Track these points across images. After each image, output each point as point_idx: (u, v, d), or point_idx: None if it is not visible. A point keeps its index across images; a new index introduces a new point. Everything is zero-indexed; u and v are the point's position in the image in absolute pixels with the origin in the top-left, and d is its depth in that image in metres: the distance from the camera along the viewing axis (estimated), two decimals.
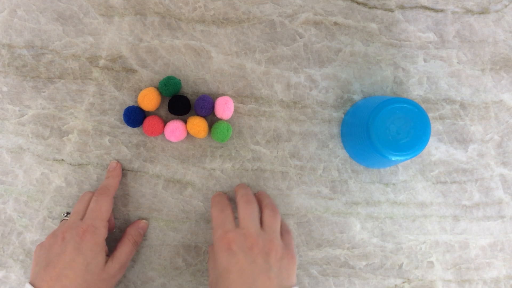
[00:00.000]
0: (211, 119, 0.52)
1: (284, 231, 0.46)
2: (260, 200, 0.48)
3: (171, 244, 0.51)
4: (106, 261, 0.45)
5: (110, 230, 0.49)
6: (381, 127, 0.43)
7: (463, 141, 0.52)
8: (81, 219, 0.46)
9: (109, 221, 0.49)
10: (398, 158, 0.43)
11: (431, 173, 0.52)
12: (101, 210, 0.46)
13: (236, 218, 0.45)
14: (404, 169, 0.52)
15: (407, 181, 0.52)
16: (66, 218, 0.49)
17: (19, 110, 0.51)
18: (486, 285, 0.52)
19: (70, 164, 0.51)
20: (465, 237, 0.52)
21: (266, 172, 0.52)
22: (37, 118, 0.51)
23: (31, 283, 0.42)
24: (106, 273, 0.44)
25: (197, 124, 0.49)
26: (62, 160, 0.51)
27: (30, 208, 0.51)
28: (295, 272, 0.42)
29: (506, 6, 0.53)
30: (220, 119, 0.51)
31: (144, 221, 0.51)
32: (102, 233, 0.45)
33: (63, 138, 0.51)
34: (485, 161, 0.52)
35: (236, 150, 0.52)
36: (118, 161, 0.51)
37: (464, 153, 0.52)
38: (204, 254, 0.51)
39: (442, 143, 0.52)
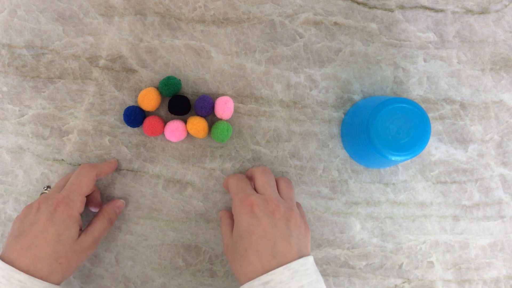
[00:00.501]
0: (211, 119, 0.52)
1: (297, 204, 0.47)
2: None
3: (171, 244, 0.51)
4: (79, 235, 0.44)
5: (95, 208, 0.50)
6: (381, 127, 0.43)
7: (463, 141, 0.52)
8: (59, 191, 0.46)
9: (94, 200, 0.49)
10: (398, 158, 0.43)
11: (431, 173, 0.52)
12: (80, 184, 0.45)
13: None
14: (404, 169, 0.52)
15: (407, 181, 0.52)
16: (46, 191, 0.49)
17: (19, 110, 0.51)
18: (486, 285, 0.52)
19: (70, 164, 0.51)
20: (465, 237, 0.52)
21: None
22: (37, 118, 0.51)
23: (1, 256, 0.41)
24: (78, 246, 0.44)
25: (197, 124, 0.49)
26: (62, 160, 0.51)
27: None
28: (309, 243, 0.43)
29: (506, 6, 0.53)
30: (220, 119, 0.51)
31: (121, 200, 0.51)
32: (77, 206, 0.44)
33: (63, 138, 0.51)
34: (485, 161, 0.52)
35: (236, 150, 0.52)
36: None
37: (464, 153, 0.52)
38: (204, 254, 0.51)
39: (442, 143, 0.52)
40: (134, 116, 0.49)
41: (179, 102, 0.49)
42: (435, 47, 0.52)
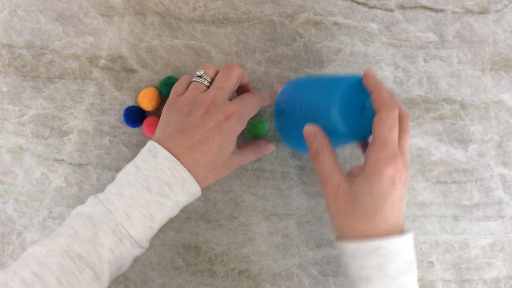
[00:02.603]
0: None
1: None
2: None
3: (171, 244, 0.51)
4: (235, 151, 0.44)
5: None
6: (345, 108, 0.38)
7: (463, 141, 0.52)
8: (227, 99, 0.42)
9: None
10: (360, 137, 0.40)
11: (431, 173, 0.52)
12: (253, 106, 0.43)
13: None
14: None
15: None
16: (204, 81, 0.43)
17: (19, 110, 0.51)
18: (486, 285, 0.52)
19: (70, 164, 0.51)
20: (465, 237, 0.52)
21: (266, 172, 0.52)
22: (37, 118, 0.51)
23: (160, 143, 0.40)
24: (231, 161, 0.43)
25: None
26: (62, 160, 0.51)
27: (30, 208, 0.51)
28: None
29: (506, 6, 0.53)
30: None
31: (272, 144, 0.50)
32: (244, 124, 0.42)
33: (63, 138, 0.51)
34: (485, 161, 0.52)
35: None
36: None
37: (464, 153, 0.52)
38: (204, 254, 0.51)
39: (442, 143, 0.52)
40: (134, 116, 0.49)
41: None
42: (435, 47, 0.52)
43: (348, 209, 0.38)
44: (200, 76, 0.43)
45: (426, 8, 0.52)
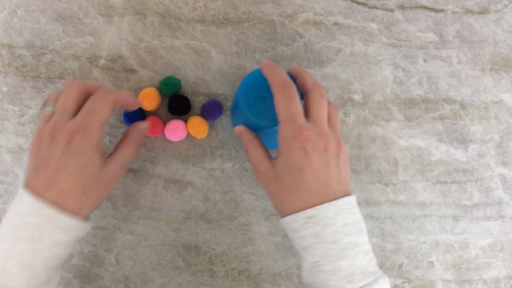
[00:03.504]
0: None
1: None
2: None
3: (171, 244, 0.51)
4: (104, 162, 0.41)
5: (131, 107, 0.45)
6: (252, 101, 0.42)
7: (463, 141, 0.52)
8: (70, 117, 0.40)
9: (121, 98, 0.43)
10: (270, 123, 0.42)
11: (431, 173, 0.52)
12: (96, 110, 0.40)
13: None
14: (404, 169, 0.52)
15: (407, 181, 0.52)
16: (48, 109, 0.41)
17: (19, 110, 0.51)
18: (486, 285, 0.52)
19: None
20: (465, 237, 0.52)
21: None
22: (37, 118, 0.51)
23: (26, 185, 0.38)
24: (105, 175, 0.41)
25: (197, 124, 0.49)
26: None
27: None
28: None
29: (506, 6, 0.53)
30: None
31: (146, 122, 0.47)
32: (96, 135, 0.39)
33: None
34: (485, 161, 0.52)
35: (236, 150, 0.52)
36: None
37: (464, 153, 0.52)
38: (204, 254, 0.51)
39: (442, 143, 0.52)
40: (134, 116, 0.49)
41: (179, 102, 0.49)
42: (435, 47, 0.52)
43: (276, 190, 0.40)
44: (43, 108, 0.42)
45: (426, 8, 0.53)
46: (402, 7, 0.52)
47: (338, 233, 0.38)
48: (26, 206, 0.37)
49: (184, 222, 0.51)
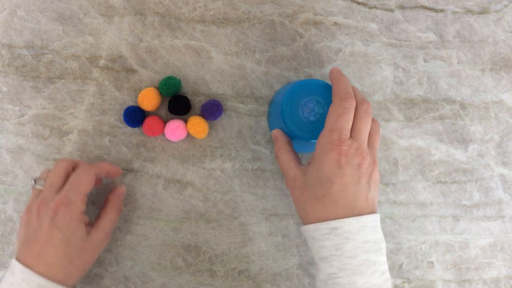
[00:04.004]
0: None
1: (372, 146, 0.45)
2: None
3: (171, 244, 0.51)
4: (89, 232, 0.43)
5: (97, 185, 0.49)
6: (294, 110, 0.44)
7: (463, 141, 0.52)
8: (56, 192, 0.43)
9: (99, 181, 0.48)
10: (316, 139, 0.43)
11: (431, 173, 0.52)
12: (79, 182, 0.43)
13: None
14: (404, 169, 0.52)
15: (407, 181, 0.52)
16: (38, 186, 0.45)
17: (19, 110, 0.51)
18: (486, 285, 0.52)
19: None
20: (465, 237, 0.52)
21: (266, 172, 0.52)
22: (37, 118, 0.51)
23: (18, 257, 0.41)
24: (90, 244, 0.43)
25: (197, 124, 0.49)
26: None
27: None
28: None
29: (506, 6, 0.53)
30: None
31: (123, 186, 0.49)
32: (79, 206, 0.43)
33: (63, 138, 0.51)
34: (485, 161, 0.52)
35: (236, 150, 0.52)
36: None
37: (464, 153, 0.52)
38: (204, 254, 0.51)
39: (442, 143, 0.52)
40: (134, 116, 0.49)
41: (179, 102, 0.49)
42: (435, 47, 0.52)
43: (303, 197, 0.41)
44: (34, 183, 0.45)
45: (426, 8, 0.53)
46: (402, 7, 0.52)
47: (357, 249, 0.38)
48: (18, 276, 0.40)
49: (184, 222, 0.51)
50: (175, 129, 0.49)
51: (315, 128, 0.43)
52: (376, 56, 0.52)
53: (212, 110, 0.49)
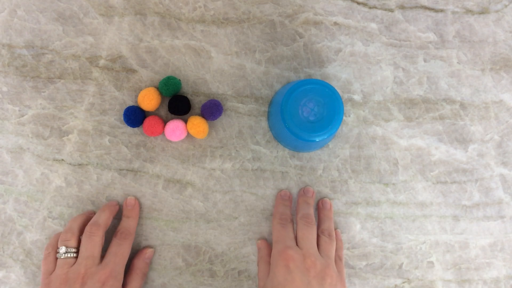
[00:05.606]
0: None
1: (337, 258, 0.48)
2: (320, 219, 0.50)
3: (171, 244, 0.51)
4: None
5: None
6: (293, 110, 0.44)
7: (463, 141, 0.52)
8: (97, 262, 0.45)
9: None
10: (316, 139, 0.44)
11: (431, 173, 0.52)
12: (123, 255, 0.46)
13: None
14: (404, 169, 0.52)
15: (407, 181, 0.52)
16: (68, 256, 0.45)
17: (19, 110, 0.51)
18: (486, 285, 0.52)
19: (70, 164, 0.51)
20: (465, 237, 0.52)
21: (266, 172, 0.52)
22: (37, 118, 0.51)
23: None
24: None
25: (197, 124, 0.49)
26: (62, 160, 0.51)
27: (30, 208, 0.51)
28: None
29: (506, 6, 0.53)
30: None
31: (150, 249, 0.51)
32: (122, 277, 0.46)
33: (63, 138, 0.51)
34: (485, 161, 0.52)
35: (236, 150, 0.52)
36: (135, 197, 0.51)
37: (464, 153, 0.52)
38: (204, 254, 0.51)
39: (442, 143, 0.52)
40: (134, 116, 0.49)
41: (179, 102, 0.49)
42: (435, 47, 0.52)
43: None
44: (65, 252, 0.45)
45: (426, 8, 0.53)
46: (402, 7, 0.52)
47: None
48: None
49: (184, 222, 0.51)
50: (175, 129, 0.49)
51: (315, 128, 0.44)
52: (376, 56, 0.52)
53: (212, 110, 0.49)
